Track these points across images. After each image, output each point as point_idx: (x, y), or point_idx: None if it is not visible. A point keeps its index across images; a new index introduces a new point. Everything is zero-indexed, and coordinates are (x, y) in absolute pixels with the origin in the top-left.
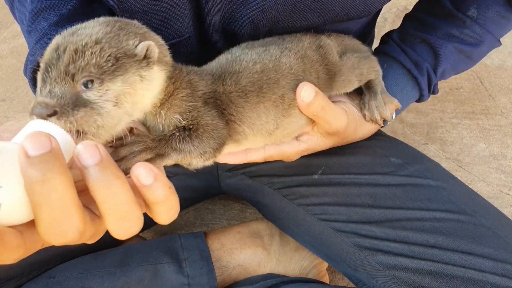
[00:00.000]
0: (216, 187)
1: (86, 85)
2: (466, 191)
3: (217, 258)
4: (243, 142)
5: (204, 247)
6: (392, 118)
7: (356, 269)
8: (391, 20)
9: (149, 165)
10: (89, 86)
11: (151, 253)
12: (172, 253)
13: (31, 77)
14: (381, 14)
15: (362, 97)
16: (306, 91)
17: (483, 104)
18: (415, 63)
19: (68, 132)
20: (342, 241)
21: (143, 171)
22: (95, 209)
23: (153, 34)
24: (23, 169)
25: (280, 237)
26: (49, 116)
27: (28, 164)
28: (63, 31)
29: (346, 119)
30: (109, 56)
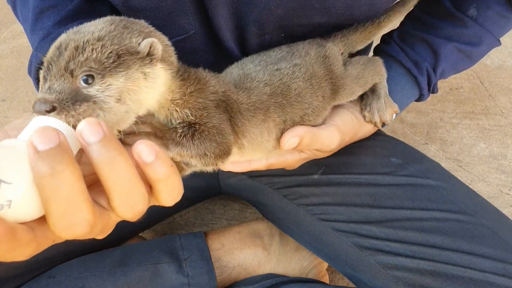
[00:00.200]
0: (216, 187)
1: (86, 81)
2: (466, 191)
3: (217, 258)
4: (242, 154)
5: (204, 247)
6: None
7: (356, 269)
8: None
9: (150, 142)
10: (90, 82)
11: (151, 253)
12: (172, 253)
13: (35, 76)
14: None
15: (364, 98)
16: (290, 142)
17: (483, 104)
18: (414, 63)
19: (70, 126)
20: (342, 241)
21: (144, 148)
22: (104, 203)
23: (159, 33)
24: (32, 164)
25: (280, 237)
26: (48, 111)
27: (37, 158)
28: (68, 30)
29: (337, 139)
30: (110, 52)
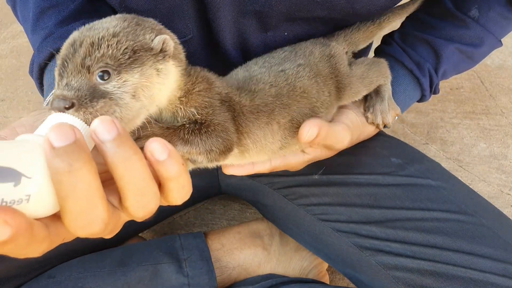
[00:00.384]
0: (216, 187)
1: (102, 77)
2: (466, 191)
3: (217, 258)
4: (246, 156)
5: (204, 247)
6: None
7: (356, 269)
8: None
9: (163, 140)
10: (105, 78)
11: (151, 253)
12: (172, 253)
13: (37, 76)
14: None
15: (368, 99)
16: (309, 132)
17: (484, 104)
18: (416, 64)
19: (87, 123)
20: (342, 241)
21: (157, 146)
22: (114, 201)
23: (168, 31)
24: (49, 160)
25: (280, 237)
26: (67, 108)
27: (54, 155)
28: (71, 29)
29: (349, 136)
30: (126, 48)
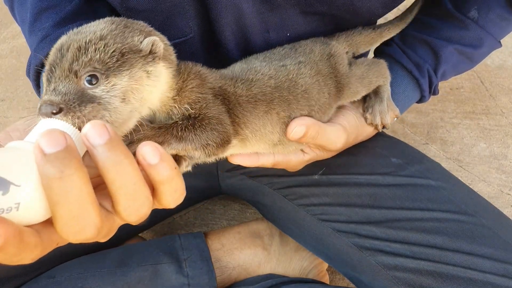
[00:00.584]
0: (216, 187)
1: (90, 82)
2: (466, 191)
3: (217, 258)
4: (247, 145)
5: (204, 247)
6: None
7: (356, 270)
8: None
9: (155, 144)
10: (94, 82)
11: (151, 253)
12: (172, 253)
13: (34, 78)
14: None
15: (367, 100)
16: (297, 130)
17: (484, 104)
18: (416, 65)
19: (76, 128)
20: (342, 241)
21: (149, 150)
22: (108, 206)
23: (158, 33)
24: (39, 167)
25: (280, 237)
26: (55, 113)
27: (44, 161)
28: (68, 31)
29: (343, 138)
30: (113, 51)
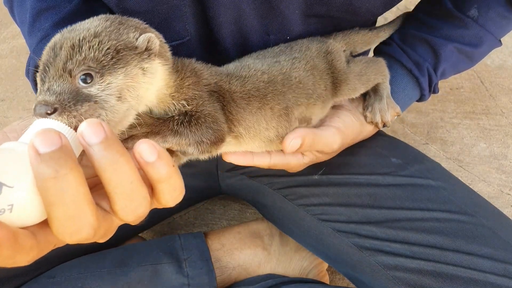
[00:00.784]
0: (216, 187)
1: (85, 81)
2: (466, 191)
3: (217, 258)
4: (242, 143)
5: (204, 247)
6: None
7: (356, 270)
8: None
9: (152, 142)
10: (88, 81)
11: (151, 253)
12: (172, 253)
13: (33, 78)
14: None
15: (367, 98)
16: (293, 144)
17: (484, 104)
18: (415, 63)
19: (71, 128)
20: (342, 241)
21: (146, 147)
22: (106, 206)
23: (153, 30)
24: (34, 167)
25: (280, 237)
26: (50, 114)
27: (39, 161)
28: (63, 29)
29: (338, 140)
30: (108, 49)
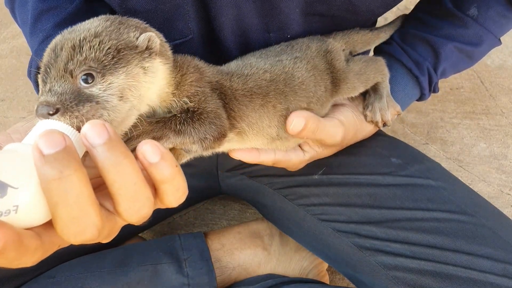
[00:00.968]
0: (216, 187)
1: (86, 81)
2: (466, 191)
3: (217, 258)
4: (245, 139)
5: (204, 247)
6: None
7: (356, 270)
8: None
9: (155, 142)
10: (90, 81)
11: (151, 253)
12: (172, 253)
13: (35, 79)
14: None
15: (366, 97)
16: (296, 122)
17: (484, 104)
18: (416, 63)
19: (74, 128)
20: (342, 241)
21: (149, 149)
22: (109, 206)
23: (154, 29)
24: (38, 168)
25: (280, 237)
26: (52, 114)
27: (43, 162)
28: (64, 30)
29: (341, 132)
30: (109, 48)
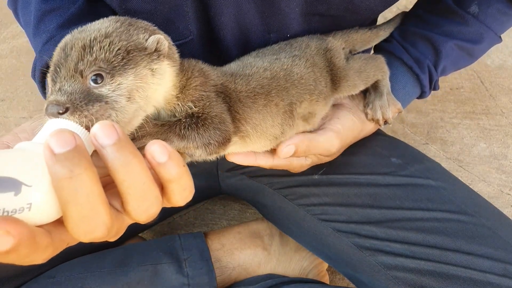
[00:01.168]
0: (216, 187)
1: (95, 81)
2: (466, 191)
3: (217, 258)
4: (248, 142)
5: (204, 247)
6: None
7: (356, 270)
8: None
9: (163, 143)
10: (99, 81)
11: (151, 253)
12: (172, 253)
13: (39, 80)
14: (381, 13)
15: (367, 95)
16: (286, 151)
17: (484, 104)
18: (416, 60)
19: (83, 127)
20: (342, 241)
21: (157, 149)
22: (117, 205)
23: (161, 32)
24: (49, 167)
25: (280, 237)
26: (62, 113)
27: (54, 161)
28: (74, 30)
29: (336, 144)
30: (119, 49)
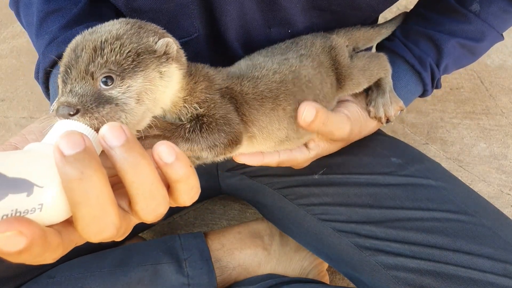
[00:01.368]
0: (216, 187)
1: (106, 83)
2: (466, 191)
3: (217, 258)
4: (254, 143)
5: (204, 247)
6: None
7: (356, 269)
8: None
9: (170, 143)
10: (109, 83)
11: (151, 253)
12: (172, 253)
13: (43, 81)
14: (382, 13)
15: (369, 93)
16: (307, 112)
17: (484, 104)
18: (418, 59)
19: (93, 129)
20: (342, 241)
21: (165, 149)
22: (125, 205)
23: (170, 35)
24: (60, 168)
25: (280, 237)
26: (72, 115)
27: (64, 163)
28: (75, 33)
29: (348, 126)
30: (129, 52)
